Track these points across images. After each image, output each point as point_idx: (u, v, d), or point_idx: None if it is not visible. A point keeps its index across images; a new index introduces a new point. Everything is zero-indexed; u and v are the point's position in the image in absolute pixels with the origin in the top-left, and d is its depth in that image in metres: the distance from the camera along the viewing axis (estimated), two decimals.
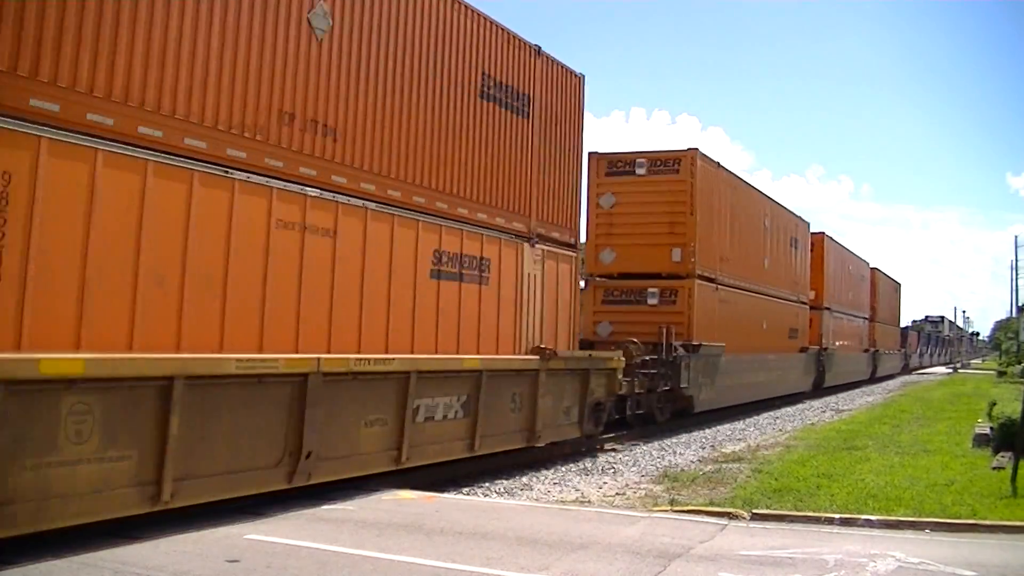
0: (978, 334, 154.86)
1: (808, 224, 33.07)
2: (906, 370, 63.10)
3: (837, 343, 36.86)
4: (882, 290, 51.19)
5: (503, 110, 13.38)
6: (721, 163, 23.08)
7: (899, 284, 61.08)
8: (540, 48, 14.26)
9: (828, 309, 35.29)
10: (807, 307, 31.98)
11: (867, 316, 45.35)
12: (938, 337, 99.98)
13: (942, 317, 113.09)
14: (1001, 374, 45.01)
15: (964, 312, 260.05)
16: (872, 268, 48.33)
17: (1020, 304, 68.71)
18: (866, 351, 45.02)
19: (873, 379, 46.98)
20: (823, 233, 35.58)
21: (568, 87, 15.30)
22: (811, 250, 33.33)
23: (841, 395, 35.36)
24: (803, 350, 31.15)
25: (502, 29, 13.25)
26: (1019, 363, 45.05)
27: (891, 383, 47.31)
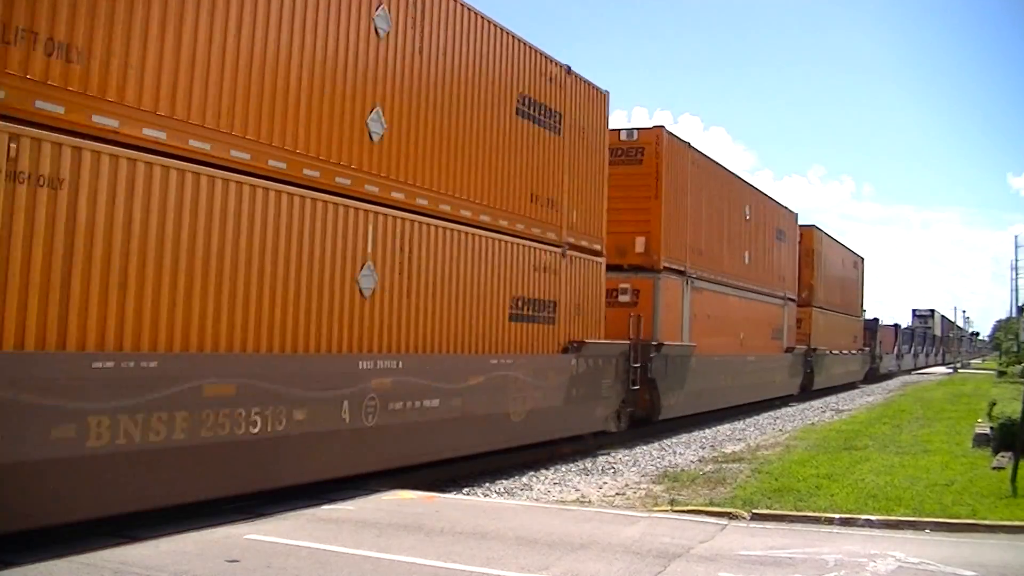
0: (978, 334, 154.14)
1: (602, 94, 16.63)
2: (874, 377, 48.08)
3: (704, 338, 21.18)
4: (827, 261, 35.20)
5: None
6: None
7: (860, 259, 44.19)
8: None
9: (679, 273, 20.07)
10: (597, 261, 16.30)
11: (790, 297, 29.41)
12: (926, 334, 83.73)
13: (932, 311, 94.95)
14: (1001, 374, 44.92)
15: (964, 312, 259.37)
16: (805, 226, 32.58)
17: (1020, 304, 68.67)
18: (789, 350, 29.17)
19: (809, 393, 31.76)
20: (661, 127, 19.53)
21: None
22: (633, 158, 19.00)
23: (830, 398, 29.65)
24: (570, 349, 15.17)
25: None
26: (1019, 363, 44.96)
27: (841, 397, 34.04)
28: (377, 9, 10.85)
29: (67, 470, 7.31)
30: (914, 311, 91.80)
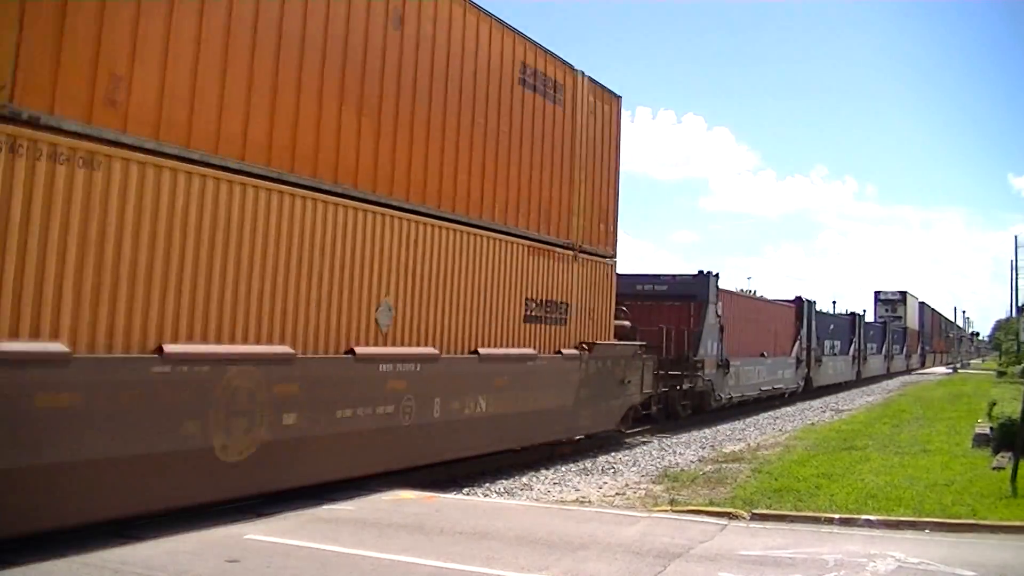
0: (978, 334, 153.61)
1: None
2: (701, 409, 22.74)
3: None
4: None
5: None
6: None
7: (610, 97, 16.37)
8: None
9: None
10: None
11: None
12: (885, 326, 55.94)
13: (903, 293, 67.63)
14: (1001, 374, 44.97)
15: (964, 312, 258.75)
16: None
17: (1020, 304, 68.51)
18: None
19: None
20: None
21: None
22: None
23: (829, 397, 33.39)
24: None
25: None
26: (1019, 363, 44.97)
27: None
28: None
29: None
30: (877, 294, 66.13)
